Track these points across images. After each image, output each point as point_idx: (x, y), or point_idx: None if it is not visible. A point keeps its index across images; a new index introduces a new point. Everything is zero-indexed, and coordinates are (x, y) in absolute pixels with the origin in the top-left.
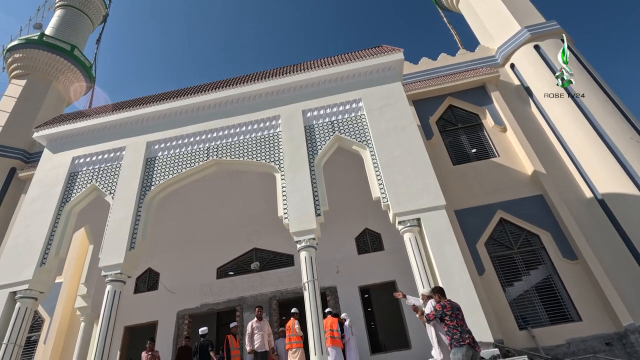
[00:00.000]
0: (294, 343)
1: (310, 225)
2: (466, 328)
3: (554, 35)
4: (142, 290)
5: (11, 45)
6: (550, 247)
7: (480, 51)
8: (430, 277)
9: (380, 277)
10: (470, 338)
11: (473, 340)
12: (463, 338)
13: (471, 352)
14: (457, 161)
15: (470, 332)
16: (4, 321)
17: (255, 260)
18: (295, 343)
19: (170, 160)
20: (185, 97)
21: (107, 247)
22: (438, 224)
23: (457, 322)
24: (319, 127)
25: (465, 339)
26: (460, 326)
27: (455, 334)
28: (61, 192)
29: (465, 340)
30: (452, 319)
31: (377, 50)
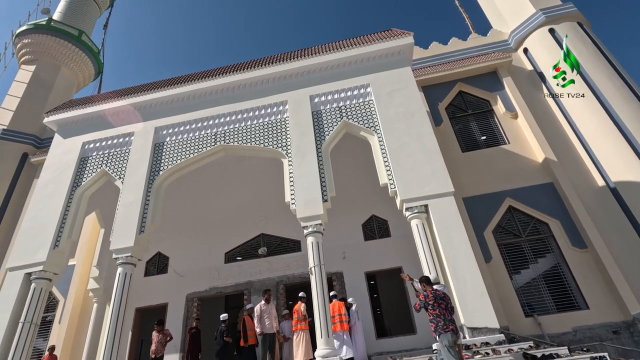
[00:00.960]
0: (300, 325)
1: (317, 211)
2: (449, 317)
3: (571, 18)
4: (152, 274)
5: (20, 30)
6: (559, 235)
7: (493, 35)
8: (437, 264)
9: (386, 264)
10: (453, 326)
11: (456, 327)
12: (447, 325)
13: (455, 338)
14: (466, 148)
15: (453, 321)
16: (20, 301)
17: (262, 246)
18: (301, 325)
19: (178, 145)
20: (193, 82)
21: (117, 230)
22: (446, 210)
23: (439, 311)
24: (327, 112)
25: (449, 326)
26: (442, 315)
27: (439, 322)
28: (72, 177)
29: (450, 327)
30: (435, 308)
31: (386, 34)
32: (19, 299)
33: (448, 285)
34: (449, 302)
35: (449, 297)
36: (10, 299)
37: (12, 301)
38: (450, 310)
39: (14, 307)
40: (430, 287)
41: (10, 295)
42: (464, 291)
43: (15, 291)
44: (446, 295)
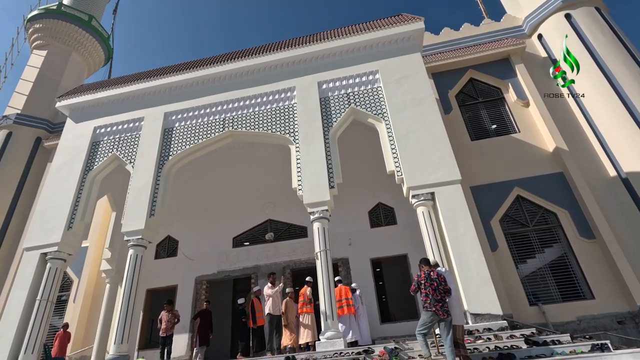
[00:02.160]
0: (306, 309)
1: (324, 197)
2: (437, 297)
3: (589, 3)
4: (162, 256)
5: (31, 15)
6: (567, 225)
7: (506, 21)
8: (442, 251)
9: (392, 251)
10: (437, 306)
11: (441, 309)
12: (430, 305)
13: (436, 318)
14: (475, 136)
15: (441, 301)
16: (37, 280)
17: (269, 231)
18: (307, 308)
19: (187, 130)
20: (201, 68)
21: (128, 214)
22: (452, 198)
23: (428, 291)
24: (335, 99)
25: (432, 307)
26: (431, 294)
27: (425, 301)
28: (84, 161)
29: (432, 307)
30: (425, 287)
31: (396, 20)
32: (36, 277)
33: (452, 272)
34: (441, 284)
35: (444, 279)
36: (27, 277)
37: (29, 280)
38: (442, 291)
39: (31, 286)
40: (426, 267)
41: (27, 274)
42: (468, 278)
43: (32, 270)
44: (440, 277)
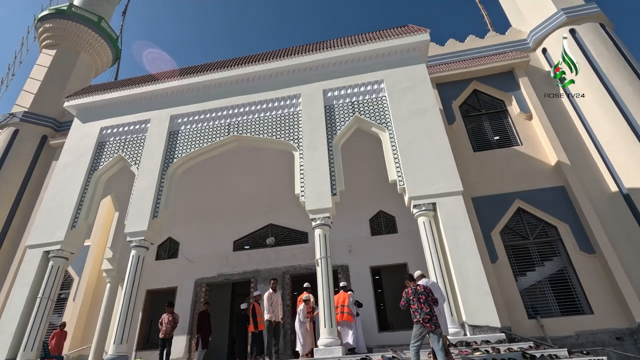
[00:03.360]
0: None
1: (326, 204)
2: (425, 309)
3: (593, 19)
4: (163, 258)
5: (42, 15)
6: (567, 239)
7: (511, 34)
8: (442, 262)
9: (392, 259)
10: (425, 319)
11: (429, 321)
12: (420, 318)
13: (425, 330)
14: (478, 148)
15: (430, 314)
16: (39, 277)
17: (270, 236)
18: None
19: (193, 134)
20: (208, 72)
21: (132, 214)
22: (453, 209)
23: (417, 305)
24: (339, 107)
25: (421, 320)
26: (420, 308)
27: (415, 315)
28: (90, 161)
29: (420, 319)
30: (414, 302)
31: (402, 30)
32: (38, 275)
33: (452, 283)
34: (428, 296)
35: (430, 290)
36: (29, 275)
37: (31, 277)
38: (430, 303)
39: (33, 283)
40: (412, 283)
41: (30, 272)
42: (467, 289)
43: (34, 268)
44: (427, 289)
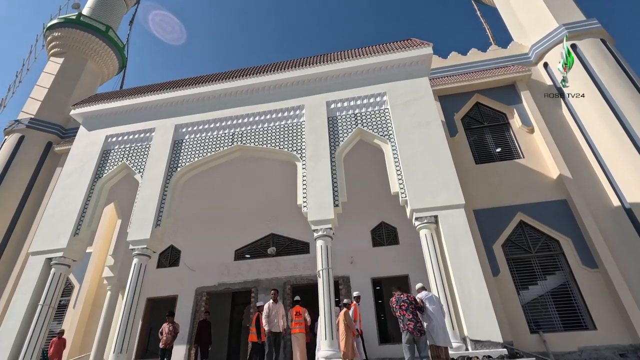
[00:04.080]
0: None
1: (328, 215)
2: (407, 316)
3: (594, 34)
4: (164, 266)
5: (51, 24)
6: (570, 253)
7: (513, 48)
8: (443, 274)
9: (393, 271)
10: (410, 325)
11: (414, 328)
12: (405, 325)
13: (411, 337)
14: (480, 160)
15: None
16: (40, 285)
17: (272, 245)
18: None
19: (197, 143)
20: (213, 82)
21: (135, 223)
22: (455, 222)
23: (400, 313)
24: (342, 118)
25: (406, 326)
26: (402, 315)
27: (400, 322)
28: (95, 168)
29: (406, 327)
30: (396, 310)
31: (405, 44)
32: (39, 282)
33: (454, 296)
34: (410, 304)
35: (413, 299)
36: (31, 281)
37: (32, 284)
38: (413, 310)
39: (34, 290)
40: (397, 293)
41: (32, 279)
42: (469, 303)
43: (36, 275)
44: (409, 297)
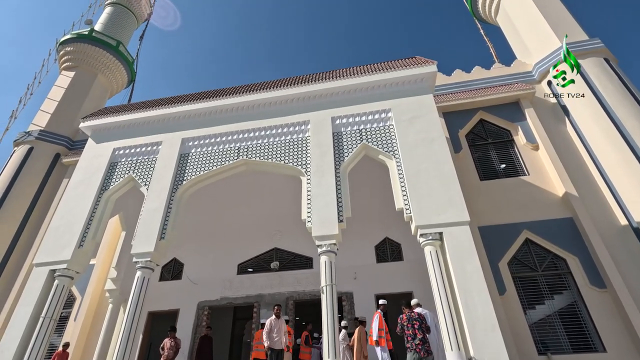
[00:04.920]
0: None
1: (332, 231)
2: (419, 336)
3: (597, 54)
4: (166, 279)
5: (64, 39)
6: (577, 272)
7: (517, 66)
8: (448, 292)
9: (397, 287)
10: (419, 345)
11: (422, 348)
12: (413, 345)
13: (417, 357)
14: (484, 177)
15: (423, 341)
16: (43, 296)
17: (275, 260)
18: None
19: (203, 157)
20: (220, 97)
21: (139, 235)
22: (460, 239)
23: (411, 331)
24: (347, 134)
25: (414, 346)
26: (414, 334)
27: (409, 341)
28: (101, 180)
29: (414, 347)
30: (408, 328)
31: (410, 62)
32: (42, 294)
33: (459, 315)
34: (422, 323)
35: (423, 318)
36: (34, 293)
37: (35, 296)
38: (424, 329)
39: (37, 302)
40: (408, 310)
41: (35, 290)
42: (475, 323)
43: (40, 286)
44: (420, 316)
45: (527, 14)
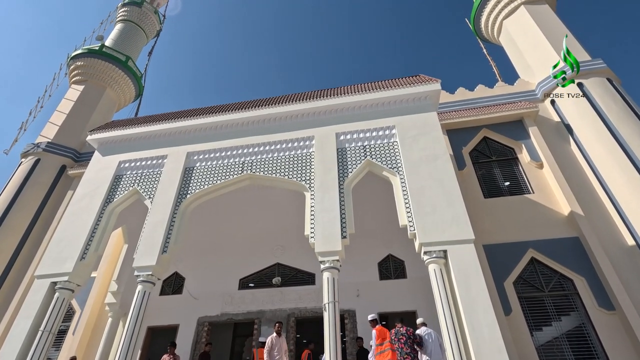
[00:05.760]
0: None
1: (336, 247)
2: (405, 350)
3: (600, 74)
4: (167, 293)
5: (75, 53)
6: (584, 293)
7: (520, 85)
8: (453, 312)
9: (400, 306)
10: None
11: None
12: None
13: None
14: (488, 194)
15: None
16: (43, 309)
17: (277, 275)
18: None
19: (207, 171)
20: (225, 112)
21: (142, 248)
22: (465, 258)
23: (398, 345)
24: (351, 150)
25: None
26: (400, 348)
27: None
28: (106, 193)
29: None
30: (394, 342)
31: (414, 80)
32: (42, 307)
33: (464, 336)
34: (409, 338)
35: (412, 333)
36: (34, 306)
37: (35, 308)
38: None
39: (36, 315)
40: (398, 325)
41: (35, 303)
42: (481, 345)
43: (40, 299)
44: (408, 332)
45: (529, 35)
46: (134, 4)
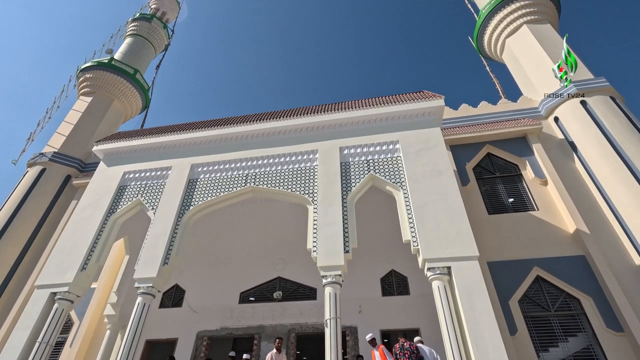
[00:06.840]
0: None
1: (338, 262)
2: None
3: (603, 92)
4: (166, 306)
5: (84, 66)
6: (592, 313)
7: (523, 102)
8: (457, 331)
9: (403, 323)
10: None
11: None
12: None
13: None
14: (492, 210)
15: None
16: (41, 320)
17: (278, 289)
18: None
19: (211, 183)
20: (230, 125)
21: (143, 260)
22: (469, 275)
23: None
24: (355, 164)
25: None
26: None
27: None
28: (109, 203)
29: None
30: (400, 357)
31: (418, 95)
32: (41, 318)
33: (469, 356)
34: (413, 352)
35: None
36: (33, 316)
37: (34, 319)
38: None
39: (35, 326)
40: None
41: (34, 313)
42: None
43: (39, 310)
44: (412, 347)
45: (532, 53)
46: (143, 19)
